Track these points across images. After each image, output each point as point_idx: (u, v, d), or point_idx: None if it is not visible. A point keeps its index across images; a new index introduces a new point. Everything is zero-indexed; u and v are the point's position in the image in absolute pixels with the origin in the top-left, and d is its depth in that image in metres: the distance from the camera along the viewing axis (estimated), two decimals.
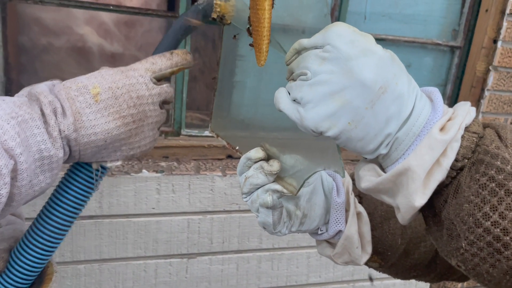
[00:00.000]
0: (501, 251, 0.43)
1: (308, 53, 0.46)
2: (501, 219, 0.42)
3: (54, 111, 0.54)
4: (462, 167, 0.45)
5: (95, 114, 0.56)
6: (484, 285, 0.48)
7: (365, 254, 0.71)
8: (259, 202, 0.60)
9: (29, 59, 1.52)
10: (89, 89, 0.56)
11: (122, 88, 0.58)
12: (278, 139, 0.60)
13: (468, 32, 1.74)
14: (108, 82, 0.57)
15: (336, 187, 0.69)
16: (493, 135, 0.46)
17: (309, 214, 0.67)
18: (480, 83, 1.75)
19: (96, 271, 1.48)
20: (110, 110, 0.56)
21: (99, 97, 0.56)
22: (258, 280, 1.66)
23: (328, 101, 0.44)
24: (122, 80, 0.58)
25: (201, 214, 1.53)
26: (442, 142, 0.44)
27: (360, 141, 0.46)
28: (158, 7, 1.61)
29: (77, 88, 0.56)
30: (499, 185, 0.42)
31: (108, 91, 0.57)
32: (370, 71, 0.43)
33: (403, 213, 0.47)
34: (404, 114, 0.45)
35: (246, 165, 0.61)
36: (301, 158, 0.60)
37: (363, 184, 0.50)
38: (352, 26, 0.46)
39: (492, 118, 1.78)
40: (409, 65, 1.76)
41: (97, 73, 0.59)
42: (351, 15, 1.63)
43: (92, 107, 0.56)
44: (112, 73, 0.58)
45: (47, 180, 0.54)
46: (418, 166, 0.44)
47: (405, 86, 0.45)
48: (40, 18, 1.50)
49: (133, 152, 0.61)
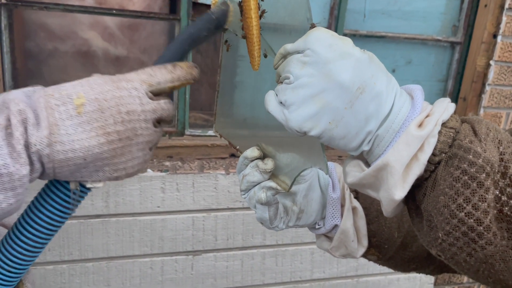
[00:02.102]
0: (476, 240, 0.45)
1: (291, 58, 0.49)
2: (474, 210, 0.44)
3: (23, 121, 0.47)
4: (440, 161, 0.47)
5: (75, 128, 0.49)
6: (464, 273, 0.50)
7: (361, 247, 0.73)
8: (255, 198, 0.64)
9: (36, 64, 1.56)
10: (72, 98, 0.50)
11: (110, 100, 0.51)
12: (274, 138, 0.62)
13: (468, 28, 1.74)
14: (95, 93, 0.51)
15: (332, 183, 0.71)
16: (468, 129, 0.47)
17: (305, 209, 0.69)
18: (480, 78, 1.75)
19: (104, 269, 1.52)
20: (93, 125, 0.50)
21: (82, 109, 0.50)
22: (263, 276, 1.68)
23: (309, 103, 0.47)
24: (112, 91, 0.51)
25: (205, 212, 1.56)
26: (419, 138, 0.46)
27: (342, 139, 0.49)
28: (161, 10, 1.64)
29: (59, 96, 0.49)
30: (471, 177, 0.44)
31: (93, 102, 0.50)
32: (348, 72, 0.46)
33: (385, 205, 0.49)
34: (383, 112, 0.47)
35: (243, 164, 0.64)
36: (294, 156, 0.62)
37: (348, 179, 0.52)
38: (331, 31, 0.48)
39: (494, 113, 1.79)
40: (410, 62, 1.78)
41: (85, 80, 0.52)
42: (350, 13, 1.65)
43: (73, 120, 0.49)
44: (102, 83, 0.52)
45: (9, 200, 0.47)
46: (396, 161, 0.46)
47: (383, 85, 0.47)
48: (46, 24, 1.54)
49: (117, 174, 0.54)
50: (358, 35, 1.67)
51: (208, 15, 0.58)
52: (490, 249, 0.45)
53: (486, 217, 0.44)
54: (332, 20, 1.63)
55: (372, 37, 1.69)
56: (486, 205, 0.44)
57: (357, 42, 1.70)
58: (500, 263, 0.45)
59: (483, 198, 0.44)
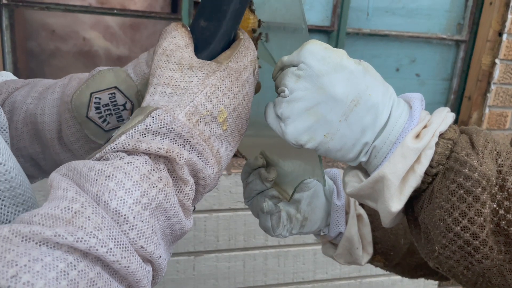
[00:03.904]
0: (472, 254, 0.44)
1: (286, 71, 0.49)
2: (470, 224, 0.43)
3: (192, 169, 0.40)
4: (437, 173, 0.46)
5: (222, 144, 0.43)
6: (462, 286, 0.49)
7: (366, 255, 0.73)
8: (258, 207, 0.64)
9: (37, 64, 1.56)
10: (215, 116, 0.42)
11: (242, 102, 0.45)
12: (278, 144, 0.61)
13: (473, 26, 1.72)
14: (231, 100, 0.43)
15: (337, 190, 0.71)
16: (466, 141, 0.47)
17: (309, 217, 0.69)
18: (486, 76, 1.73)
19: None
20: (234, 134, 0.44)
21: (226, 124, 0.43)
22: (265, 277, 1.67)
23: (304, 116, 0.47)
24: (241, 92, 0.44)
25: (207, 212, 1.55)
26: (415, 150, 0.45)
27: (339, 151, 0.48)
28: (162, 10, 1.64)
29: (201, 117, 0.40)
30: (467, 192, 0.44)
31: (233, 112, 0.43)
32: (341, 85, 0.46)
33: (383, 217, 0.49)
34: (380, 123, 0.47)
35: (247, 172, 0.65)
36: (296, 165, 0.62)
37: (347, 189, 0.52)
38: (324, 43, 0.48)
39: (499, 112, 1.77)
40: (414, 60, 1.76)
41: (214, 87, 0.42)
42: (353, 11, 1.63)
43: (220, 139, 0.43)
44: (229, 84, 0.43)
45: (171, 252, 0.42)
46: (392, 174, 0.46)
47: (379, 96, 0.47)
48: (48, 24, 1.54)
49: None
50: (361, 34, 1.65)
51: None
52: (487, 263, 0.44)
53: (482, 231, 0.43)
54: (335, 18, 1.61)
55: (375, 36, 1.67)
56: (482, 219, 0.43)
57: (360, 41, 1.69)
58: (498, 277, 0.45)
59: (479, 212, 0.43)
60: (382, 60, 1.73)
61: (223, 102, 0.42)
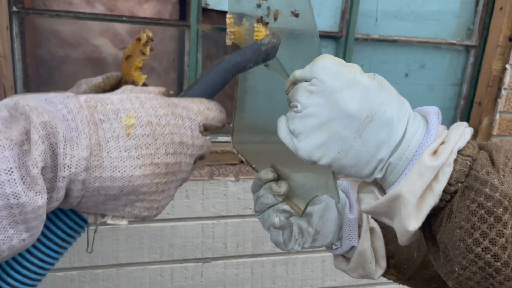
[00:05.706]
0: (494, 276, 0.43)
1: (298, 86, 0.48)
2: (491, 245, 0.42)
3: (47, 137, 0.37)
4: (456, 191, 0.45)
5: (119, 152, 0.41)
6: None
7: (380, 269, 0.71)
8: (269, 222, 0.63)
9: (47, 71, 1.57)
10: (120, 116, 0.41)
11: (165, 127, 0.43)
12: (289, 156, 0.61)
13: (483, 31, 1.70)
14: (148, 115, 0.43)
15: (349, 203, 0.70)
16: (485, 158, 0.45)
17: (321, 230, 0.68)
18: (496, 82, 1.71)
19: (113, 276, 1.51)
20: (141, 152, 0.42)
21: (132, 131, 0.41)
22: (273, 284, 1.66)
23: (317, 133, 0.46)
24: (168, 117, 0.44)
25: (215, 218, 1.55)
26: (432, 168, 0.44)
27: (353, 168, 0.47)
28: (170, 17, 1.64)
29: (103, 110, 0.41)
30: (488, 212, 0.42)
31: (146, 126, 0.42)
32: (355, 102, 0.45)
33: (399, 235, 0.48)
34: (395, 139, 0.46)
35: (257, 185, 0.64)
36: (308, 178, 0.61)
37: (362, 206, 0.51)
38: (337, 58, 0.47)
39: (510, 118, 1.74)
40: (423, 66, 1.74)
41: (134, 96, 0.43)
42: (362, 17, 1.62)
43: (119, 141, 0.41)
44: (156, 104, 0.44)
45: (20, 236, 0.38)
46: (409, 193, 0.45)
47: (394, 112, 0.46)
48: (57, 31, 1.55)
49: (147, 213, 0.46)
50: (370, 39, 1.64)
51: (258, 46, 0.52)
52: (508, 285, 0.43)
53: (504, 253, 0.42)
54: (343, 24, 1.60)
55: (384, 41, 1.66)
56: (504, 240, 0.42)
57: (369, 46, 1.68)
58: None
59: (500, 233, 0.42)
60: (391, 66, 1.72)
61: (138, 111, 0.42)
